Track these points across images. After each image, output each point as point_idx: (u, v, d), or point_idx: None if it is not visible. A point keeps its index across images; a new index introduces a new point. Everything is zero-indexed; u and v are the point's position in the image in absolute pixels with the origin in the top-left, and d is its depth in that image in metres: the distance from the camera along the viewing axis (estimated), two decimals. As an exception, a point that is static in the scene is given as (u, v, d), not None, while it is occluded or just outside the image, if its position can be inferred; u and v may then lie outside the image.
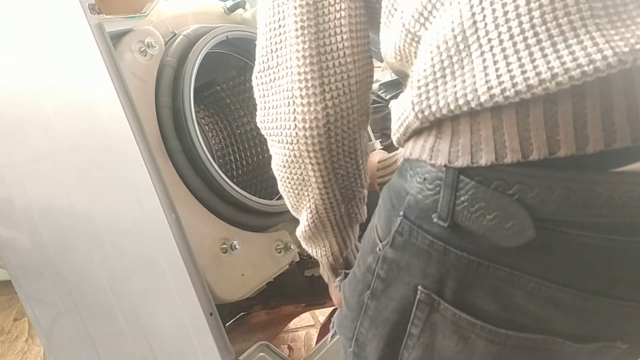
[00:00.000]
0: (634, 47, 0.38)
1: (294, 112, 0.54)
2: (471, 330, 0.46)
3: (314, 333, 1.55)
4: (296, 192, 0.62)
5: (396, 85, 2.42)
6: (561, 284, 0.43)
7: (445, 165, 0.42)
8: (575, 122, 0.39)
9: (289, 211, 0.96)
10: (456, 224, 0.43)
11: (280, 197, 1.07)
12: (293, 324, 1.55)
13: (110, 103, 0.75)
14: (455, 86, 0.41)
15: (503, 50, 0.40)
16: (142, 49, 0.86)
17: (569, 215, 0.40)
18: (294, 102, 0.54)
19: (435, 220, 0.44)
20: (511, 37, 0.40)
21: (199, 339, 0.81)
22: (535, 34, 0.39)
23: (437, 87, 0.43)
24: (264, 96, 0.59)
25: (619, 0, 0.40)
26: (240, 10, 1.10)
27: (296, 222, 0.64)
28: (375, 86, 2.52)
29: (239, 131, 1.25)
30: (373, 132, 1.24)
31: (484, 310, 0.45)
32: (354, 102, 0.55)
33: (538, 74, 0.38)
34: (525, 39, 0.39)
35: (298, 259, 1.05)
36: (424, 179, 0.45)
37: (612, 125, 0.39)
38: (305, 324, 1.59)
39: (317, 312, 1.61)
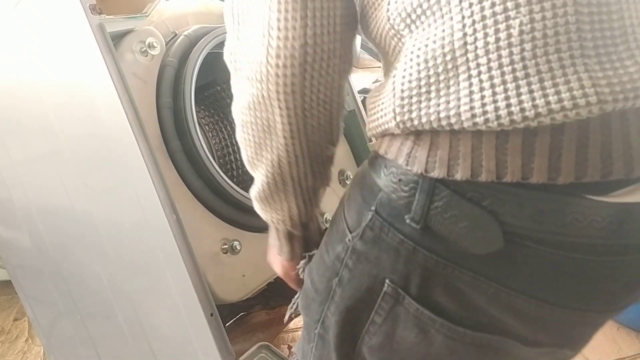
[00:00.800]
0: (617, 95, 0.39)
1: (267, 45, 0.47)
2: (431, 325, 0.48)
3: (314, 333, 1.55)
4: (257, 140, 0.54)
5: (396, 86, 2.42)
6: (520, 292, 0.45)
7: (421, 174, 0.43)
8: (550, 154, 0.40)
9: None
10: (428, 227, 0.44)
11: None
12: (293, 324, 1.55)
13: (111, 103, 0.75)
14: (439, 105, 0.42)
15: (490, 78, 0.40)
16: (143, 50, 0.86)
17: (536, 231, 0.42)
18: (269, 34, 0.47)
19: (407, 221, 0.45)
20: (500, 66, 0.40)
21: (199, 339, 0.81)
22: (524, 67, 0.39)
23: (420, 102, 0.43)
24: (237, 23, 0.51)
25: (610, 40, 0.40)
26: (240, 11, 1.10)
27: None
28: (375, 86, 2.52)
29: (239, 131, 1.25)
30: (373, 133, 1.24)
31: (445, 308, 0.47)
32: (337, 45, 0.49)
33: (522, 110, 0.39)
34: (513, 70, 0.39)
35: (298, 259, 1.05)
36: (399, 180, 0.46)
37: (585, 160, 0.40)
38: (305, 324, 1.59)
39: (317, 312, 1.61)
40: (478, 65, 0.40)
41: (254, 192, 0.60)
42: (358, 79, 2.39)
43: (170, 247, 0.77)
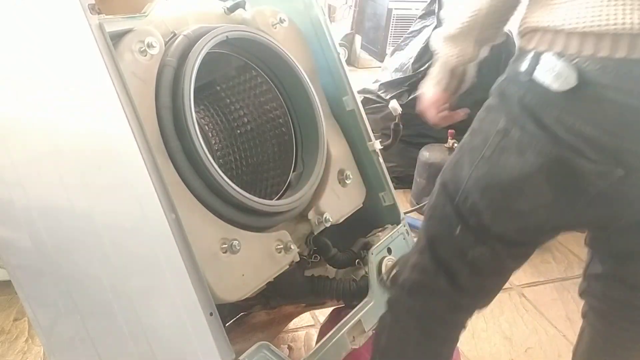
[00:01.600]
0: None
1: None
2: (528, 146, 0.74)
3: (314, 333, 1.55)
4: None
5: (396, 86, 2.42)
6: (588, 122, 0.69)
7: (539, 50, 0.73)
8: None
9: (288, 211, 1.00)
10: (532, 79, 0.73)
11: (280, 197, 1.08)
12: (293, 324, 1.55)
13: (110, 103, 0.75)
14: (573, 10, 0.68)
15: None
16: (142, 49, 0.86)
17: (609, 80, 0.66)
18: None
19: (521, 76, 0.75)
20: None
21: (199, 339, 0.81)
22: None
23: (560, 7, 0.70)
24: None
25: None
26: (240, 10, 1.09)
27: (296, 222, 0.65)
28: (375, 86, 2.52)
29: (239, 131, 1.25)
30: (373, 132, 1.24)
31: (537, 134, 0.73)
32: None
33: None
34: None
35: (298, 259, 1.05)
36: (521, 53, 0.77)
37: None
38: (305, 324, 1.59)
39: (317, 312, 1.61)
40: None
41: (444, 31, 0.87)
42: (358, 79, 2.40)
43: (169, 247, 0.77)
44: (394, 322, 0.96)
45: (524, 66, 0.75)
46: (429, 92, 0.98)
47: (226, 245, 0.91)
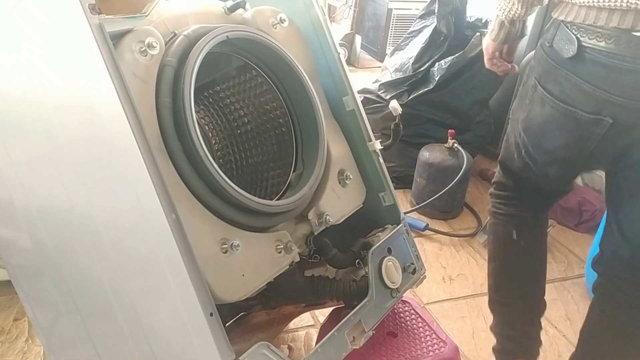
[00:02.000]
0: None
1: None
2: (546, 101, 1.01)
3: (314, 333, 1.55)
4: None
5: (396, 86, 2.42)
6: (587, 81, 0.92)
7: (560, 20, 0.95)
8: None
9: (289, 211, 1.01)
10: (551, 45, 0.98)
11: (280, 197, 1.08)
12: (293, 324, 1.55)
13: (111, 103, 0.75)
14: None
15: None
16: (142, 49, 0.86)
17: (603, 48, 0.88)
18: None
19: (545, 42, 1.01)
20: None
21: (199, 339, 0.81)
22: None
23: None
24: None
25: None
26: (240, 10, 1.09)
27: (296, 222, 0.65)
28: (375, 86, 2.52)
29: (239, 131, 1.25)
30: (373, 132, 1.24)
31: (552, 91, 0.99)
32: None
33: None
34: None
35: (298, 259, 1.05)
36: (550, 26, 1.01)
37: None
38: (305, 324, 1.59)
39: (317, 312, 1.61)
40: None
41: None
42: (358, 79, 2.40)
43: (169, 247, 0.77)
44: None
45: (549, 35, 1.00)
46: (484, 42, 1.20)
47: (226, 246, 0.91)
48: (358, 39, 4.04)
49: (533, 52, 1.11)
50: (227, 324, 1.25)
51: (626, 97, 0.89)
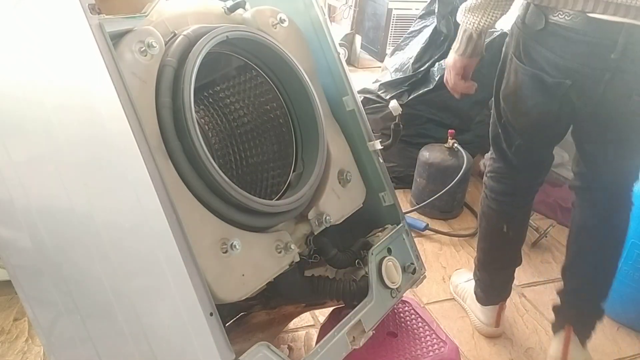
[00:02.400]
0: None
1: None
2: (519, 70, 1.21)
3: (314, 333, 1.55)
4: None
5: (396, 86, 2.42)
6: (552, 51, 1.14)
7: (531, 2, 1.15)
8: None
9: (289, 211, 1.01)
10: (524, 22, 1.17)
11: (280, 197, 1.08)
12: (293, 324, 1.55)
13: (110, 103, 0.75)
14: None
15: None
16: (142, 49, 0.86)
17: (563, 23, 1.10)
18: None
19: (519, 21, 1.20)
20: None
21: (199, 339, 0.81)
22: None
23: None
24: None
25: None
26: (240, 10, 1.09)
27: (296, 222, 0.65)
28: (375, 86, 2.52)
29: (239, 131, 1.25)
30: (373, 132, 1.24)
31: (523, 60, 1.20)
32: None
33: None
34: None
35: (298, 259, 1.05)
36: (523, 8, 1.19)
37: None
38: (305, 324, 1.59)
39: (317, 312, 1.61)
40: None
41: (467, 4, 1.20)
42: (358, 79, 2.40)
43: (169, 247, 0.77)
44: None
45: (521, 13, 1.19)
46: (449, 58, 1.33)
47: (226, 246, 0.91)
48: (358, 39, 4.04)
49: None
50: (227, 324, 1.25)
51: (580, 63, 1.10)
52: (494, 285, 1.57)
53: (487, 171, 1.46)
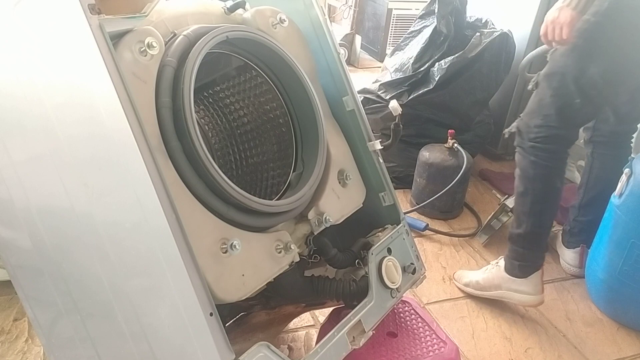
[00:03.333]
0: None
1: None
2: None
3: (314, 333, 1.55)
4: None
5: (396, 86, 2.42)
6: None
7: None
8: None
9: (289, 211, 1.01)
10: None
11: (280, 197, 1.08)
12: (293, 324, 1.55)
13: (110, 103, 0.75)
14: None
15: None
16: (142, 49, 0.86)
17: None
18: None
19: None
20: None
21: (199, 339, 0.81)
22: None
23: None
24: None
25: None
26: (240, 10, 1.09)
27: (296, 222, 0.65)
28: (375, 86, 2.52)
29: (239, 131, 1.25)
30: (373, 132, 1.24)
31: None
32: None
33: None
34: None
35: (298, 259, 1.05)
36: None
37: None
38: (305, 324, 1.59)
39: (317, 312, 1.61)
40: None
41: None
42: (358, 79, 2.40)
43: (169, 247, 0.77)
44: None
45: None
46: (563, 15, 1.32)
47: (226, 245, 0.91)
48: (358, 39, 4.04)
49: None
50: (227, 324, 1.25)
51: None
52: (541, 247, 1.65)
53: (534, 137, 1.53)
